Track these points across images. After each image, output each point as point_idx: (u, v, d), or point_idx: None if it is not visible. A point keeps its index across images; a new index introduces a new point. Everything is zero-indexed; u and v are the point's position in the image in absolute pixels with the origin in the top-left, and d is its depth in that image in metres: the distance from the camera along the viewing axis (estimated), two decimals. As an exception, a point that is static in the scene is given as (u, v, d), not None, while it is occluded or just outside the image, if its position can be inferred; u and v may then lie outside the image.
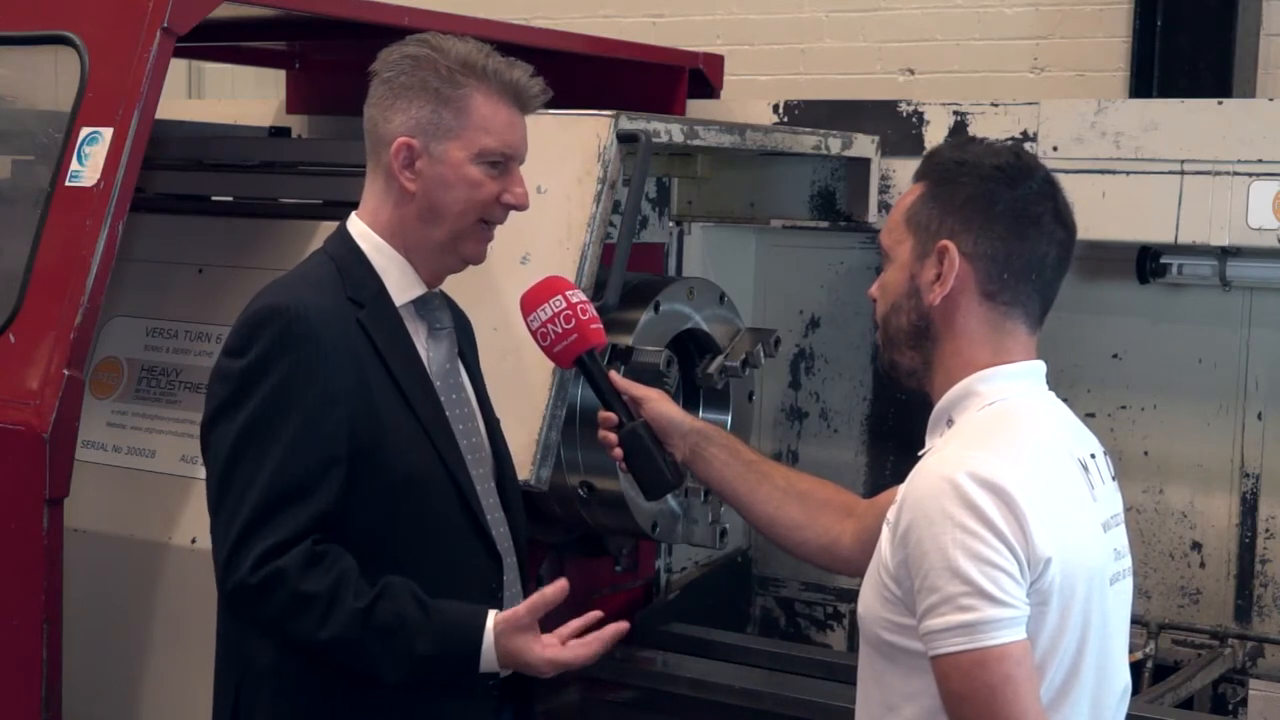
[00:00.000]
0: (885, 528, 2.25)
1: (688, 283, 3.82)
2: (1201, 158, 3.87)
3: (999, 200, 2.29)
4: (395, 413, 2.54)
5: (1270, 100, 4.51)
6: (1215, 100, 4.08)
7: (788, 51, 5.98)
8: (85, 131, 3.24)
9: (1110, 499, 2.35)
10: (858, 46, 5.86)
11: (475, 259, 2.68)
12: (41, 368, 3.12)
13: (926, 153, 2.44)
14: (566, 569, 3.99)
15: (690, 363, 3.84)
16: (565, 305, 2.70)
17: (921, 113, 4.22)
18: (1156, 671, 4.19)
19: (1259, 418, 4.19)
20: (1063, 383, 3.84)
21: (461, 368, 2.75)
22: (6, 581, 3.13)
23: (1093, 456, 2.34)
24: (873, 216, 4.20)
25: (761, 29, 6.02)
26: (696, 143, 3.64)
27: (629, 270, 3.43)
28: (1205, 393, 4.24)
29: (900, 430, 4.60)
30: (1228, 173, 3.85)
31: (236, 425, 2.47)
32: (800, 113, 4.36)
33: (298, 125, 4.75)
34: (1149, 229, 3.98)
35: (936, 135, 4.18)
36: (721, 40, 5.92)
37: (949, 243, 2.29)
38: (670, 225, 4.35)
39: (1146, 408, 4.32)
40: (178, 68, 5.07)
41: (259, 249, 3.59)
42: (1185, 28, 5.09)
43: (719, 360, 3.79)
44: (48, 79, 3.50)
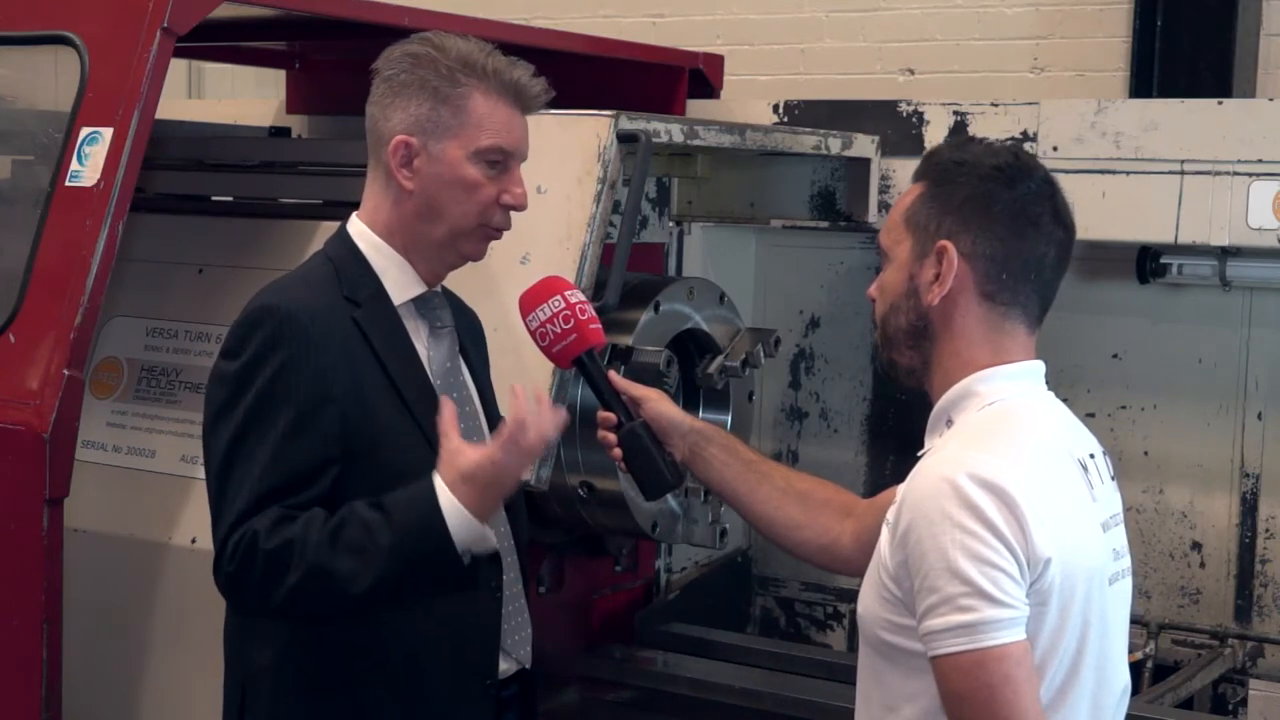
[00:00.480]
0: (885, 528, 2.25)
1: (688, 283, 3.82)
2: (1201, 158, 3.87)
3: (998, 200, 2.29)
4: (392, 412, 2.54)
5: (1270, 100, 4.51)
6: (1215, 100, 4.08)
7: (788, 51, 5.98)
8: (85, 131, 3.24)
9: (1110, 499, 2.35)
10: (858, 46, 5.86)
11: (475, 257, 2.68)
12: (41, 368, 3.12)
13: (925, 153, 2.44)
14: (566, 569, 3.99)
15: (690, 363, 3.84)
16: (564, 305, 2.70)
17: (921, 113, 4.22)
18: (1156, 671, 4.19)
19: (1259, 418, 4.19)
20: (1063, 383, 3.84)
21: (464, 366, 2.75)
22: (6, 581, 3.13)
23: (1092, 456, 2.34)
24: (873, 216, 4.20)
25: (761, 29, 6.02)
26: (696, 143, 3.64)
27: (629, 270, 3.43)
28: (1205, 393, 4.24)
29: (900, 430, 4.60)
30: (1228, 173, 3.85)
31: (230, 427, 2.47)
32: (800, 113, 4.36)
33: (298, 125, 4.75)
34: (1149, 229, 3.98)
35: (936, 135, 4.18)
36: (721, 40, 5.92)
37: (948, 243, 2.29)
38: (670, 225, 4.35)
39: (1146, 408, 4.32)
40: (178, 68, 5.07)
41: (259, 249, 3.59)
42: (1185, 28, 5.09)
43: (719, 360, 3.79)
44: (48, 79, 3.50)
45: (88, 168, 3.22)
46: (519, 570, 2.74)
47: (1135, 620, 2.75)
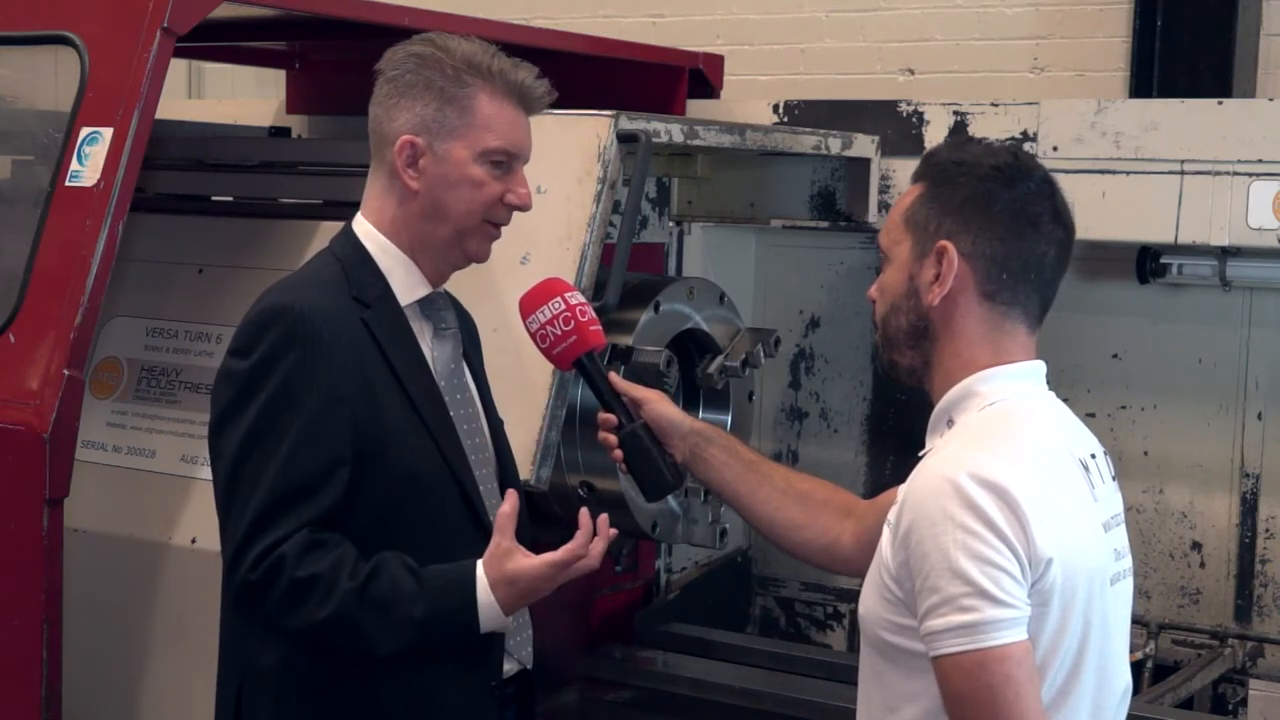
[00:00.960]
0: (886, 528, 2.24)
1: (688, 283, 3.82)
2: (1201, 158, 3.87)
3: (997, 200, 2.29)
4: (399, 413, 2.54)
5: (1270, 100, 4.51)
6: (1215, 100, 4.08)
7: (788, 51, 5.98)
8: (85, 131, 3.24)
9: (1110, 499, 2.35)
10: (858, 46, 5.86)
11: (479, 257, 2.68)
12: (41, 368, 3.12)
13: (925, 153, 2.44)
14: (566, 569, 3.99)
15: (690, 363, 3.84)
16: (564, 307, 2.70)
17: (921, 113, 4.22)
18: (1156, 671, 4.19)
19: (1259, 418, 4.19)
20: (1063, 383, 3.84)
21: (466, 368, 2.75)
22: (6, 581, 3.13)
23: (1093, 456, 2.33)
24: (873, 216, 4.20)
25: (761, 29, 6.02)
26: (696, 143, 3.64)
27: (629, 270, 3.43)
28: (1205, 393, 4.24)
29: (900, 430, 4.60)
30: (1228, 173, 3.85)
31: (242, 428, 2.47)
32: (800, 113, 4.36)
33: (298, 125, 4.75)
34: (1149, 229, 3.98)
35: (936, 135, 4.18)
36: (721, 40, 5.92)
37: (947, 243, 2.29)
38: (670, 225, 4.35)
39: (1146, 408, 4.32)
40: (178, 68, 5.08)
41: (259, 249, 3.59)
42: (1185, 28, 5.08)
43: (719, 360, 3.79)
44: (48, 79, 3.50)
45: (88, 168, 3.22)
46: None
47: (1135, 620, 2.75)
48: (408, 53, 2.62)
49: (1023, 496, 2.12)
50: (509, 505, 2.49)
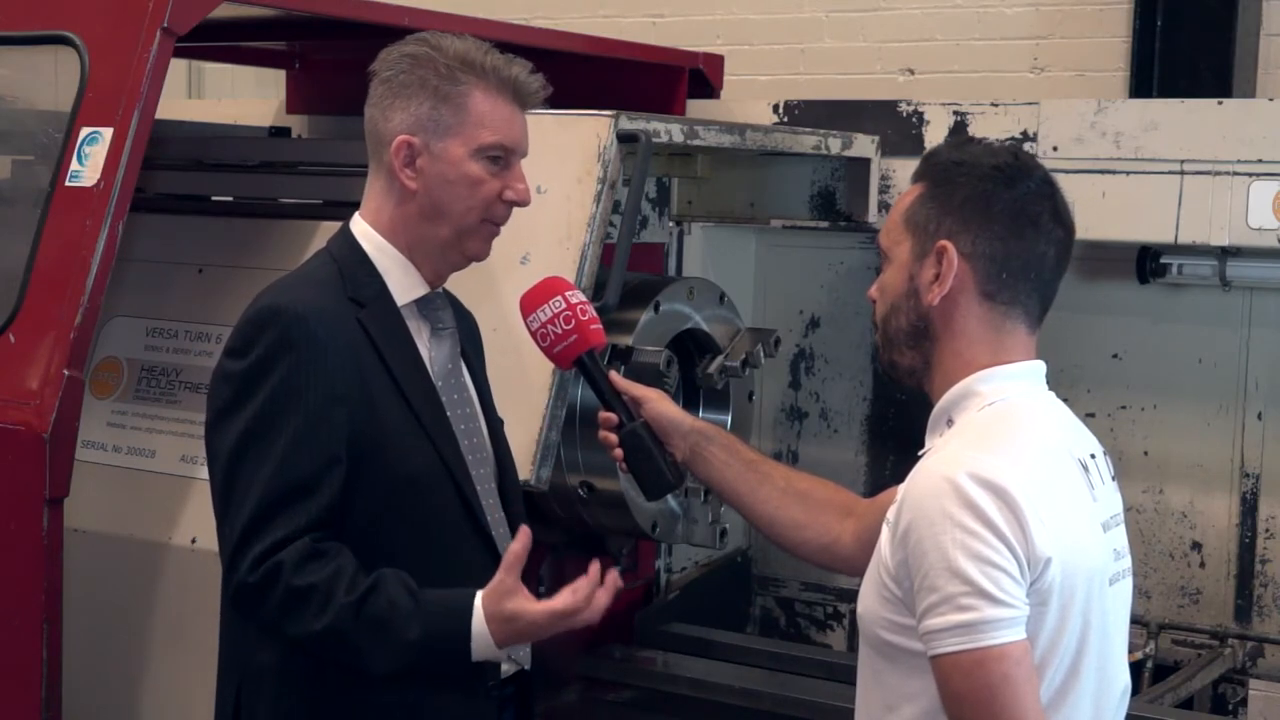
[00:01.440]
0: (885, 527, 2.25)
1: (688, 283, 3.83)
2: (1201, 158, 3.88)
3: (997, 200, 2.29)
4: (395, 413, 2.54)
5: (1270, 100, 4.51)
6: (1215, 100, 4.08)
7: (788, 51, 5.98)
8: (85, 131, 3.24)
9: (1110, 499, 2.35)
10: (858, 46, 5.86)
11: (479, 256, 2.68)
12: (41, 368, 3.12)
13: (925, 153, 2.44)
14: (566, 569, 3.99)
15: (690, 363, 3.84)
16: (565, 306, 2.70)
17: (921, 113, 4.22)
18: (1156, 671, 4.20)
19: (1259, 418, 4.19)
20: (1063, 383, 3.84)
21: (464, 368, 2.75)
22: (6, 581, 3.13)
23: (1093, 456, 2.33)
24: (873, 216, 4.20)
25: (761, 29, 6.02)
26: (696, 143, 3.64)
27: (629, 270, 3.43)
28: (1205, 393, 4.24)
29: (900, 430, 4.60)
30: (1228, 173, 3.85)
31: (238, 427, 2.47)
32: (800, 113, 4.36)
33: (298, 125, 4.75)
34: (1149, 229, 3.98)
35: (936, 135, 4.18)
36: (721, 40, 5.92)
37: (947, 243, 2.29)
38: (670, 225, 4.35)
39: (1146, 408, 4.32)
40: (178, 68, 5.08)
41: (259, 249, 3.59)
42: (1185, 28, 5.08)
43: (719, 360, 3.79)
44: (48, 79, 3.50)
45: (88, 168, 3.22)
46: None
47: (1135, 620, 2.75)
48: (401, 53, 2.62)
49: (1022, 496, 2.12)
50: (519, 544, 2.48)
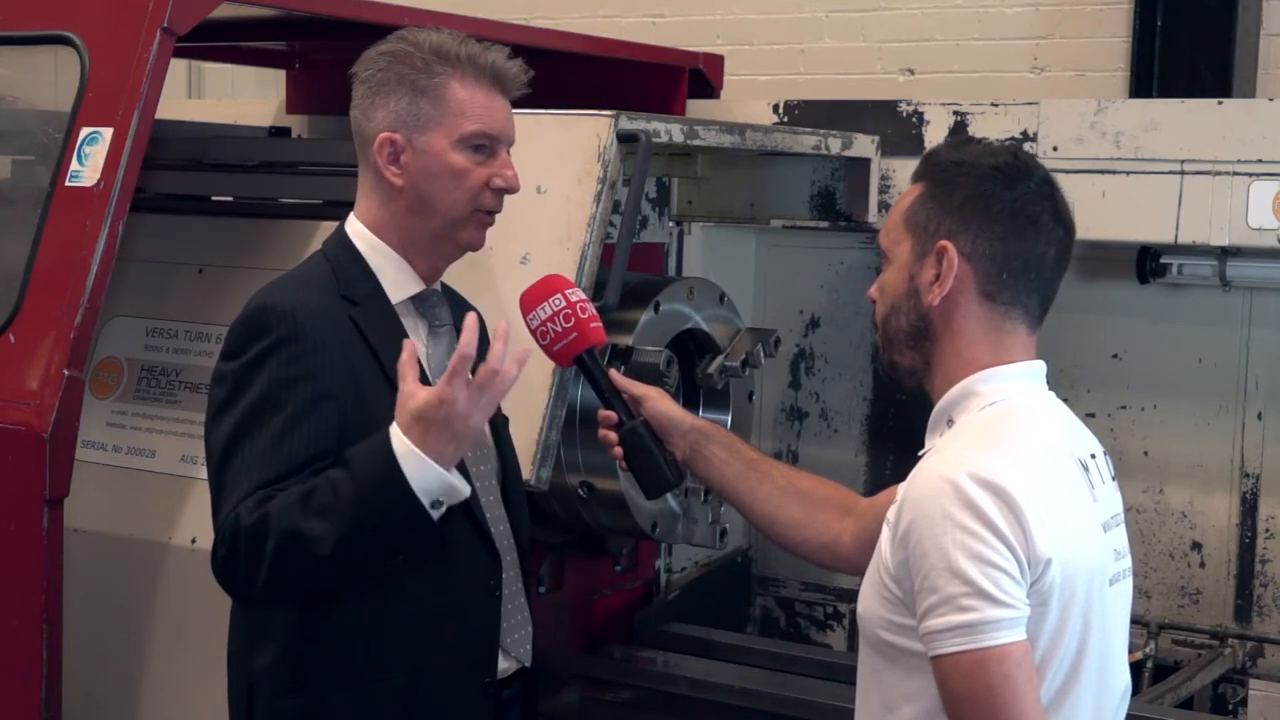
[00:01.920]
0: (885, 528, 2.25)
1: (688, 283, 3.82)
2: (1201, 158, 3.87)
3: (997, 200, 2.29)
4: (389, 410, 2.53)
5: (1270, 100, 4.51)
6: (1215, 100, 4.08)
7: (788, 51, 5.98)
8: (85, 131, 3.24)
9: (1110, 499, 2.35)
10: (858, 46, 5.86)
11: (473, 245, 2.68)
12: (41, 368, 3.12)
13: (925, 153, 2.44)
14: (566, 569, 3.99)
15: (690, 363, 3.84)
16: (565, 304, 2.70)
17: (921, 113, 4.22)
18: (1156, 671, 4.19)
19: (1259, 418, 4.19)
20: (1063, 383, 3.84)
21: (464, 365, 2.75)
22: (6, 581, 3.13)
23: (1093, 457, 2.34)
24: (873, 216, 4.20)
25: (761, 29, 6.02)
26: (696, 143, 3.64)
27: (629, 270, 3.43)
28: (1205, 393, 4.24)
29: (900, 430, 4.60)
30: (1228, 173, 3.85)
31: (228, 426, 2.48)
32: (800, 113, 4.36)
33: (298, 125, 4.75)
34: (1149, 229, 3.98)
35: (936, 135, 4.18)
36: (721, 40, 5.92)
37: (948, 243, 2.29)
38: (670, 225, 4.35)
39: (1146, 408, 4.32)
40: (178, 68, 5.07)
41: (259, 249, 3.59)
42: (1185, 28, 5.09)
43: (719, 360, 3.79)
44: (48, 79, 3.50)
45: (88, 168, 3.22)
46: (519, 569, 2.74)
47: (1135, 620, 2.75)
48: (378, 52, 2.64)
49: (1022, 497, 2.12)
50: (406, 354, 2.40)
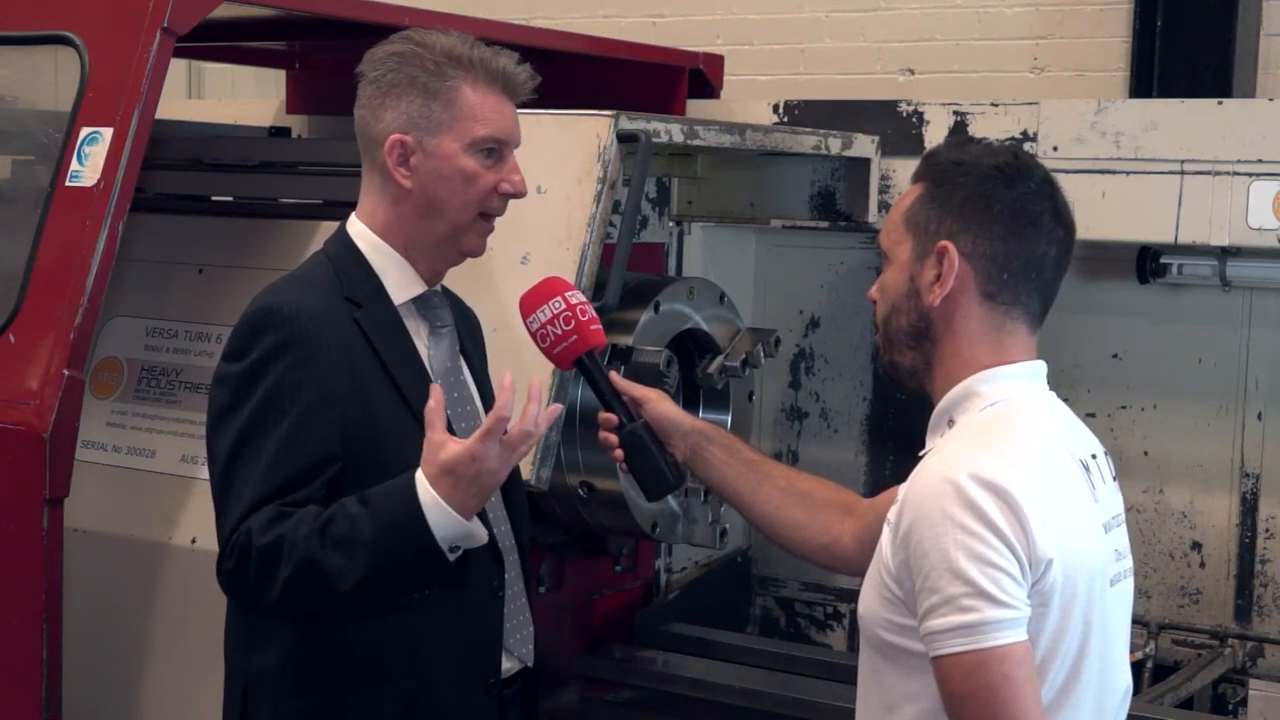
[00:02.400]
0: (886, 528, 2.24)
1: (688, 283, 3.82)
2: (1201, 158, 3.88)
3: (998, 200, 2.29)
4: (393, 410, 2.54)
5: (1270, 100, 4.51)
6: (1215, 100, 4.08)
7: (788, 51, 5.98)
8: (85, 131, 3.24)
9: (1111, 499, 2.35)
10: (858, 46, 5.86)
11: (475, 252, 2.68)
12: (41, 368, 3.12)
13: (925, 154, 2.44)
14: (566, 569, 3.99)
15: (690, 363, 3.83)
16: (564, 306, 2.70)
17: (921, 113, 4.22)
18: (1156, 671, 4.19)
19: (1259, 418, 4.19)
20: (1063, 383, 3.84)
21: (464, 366, 2.75)
22: (6, 581, 3.13)
23: (1094, 457, 2.33)
24: (873, 216, 4.20)
25: (761, 29, 6.02)
26: (696, 143, 3.64)
27: (629, 270, 3.43)
28: (1205, 393, 4.24)
29: (900, 430, 4.60)
30: (1228, 173, 3.85)
31: (234, 429, 2.48)
32: (800, 113, 4.36)
33: (298, 125, 4.75)
34: (1149, 229, 3.98)
35: (936, 135, 4.18)
36: (721, 40, 5.92)
37: (948, 243, 2.29)
38: (670, 225, 4.35)
39: (1146, 408, 4.32)
40: (178, 68, 5.07)
41: (259, 249, 3.59)
42: (1185, 28, 5.09)
43: (719, 360, 3.79)
44: (48, 79, 3.50)
45: (88, 168, 3.22)
46: (520, 569, 2.74)
47: (1135, 620, 2.75)
48: (387, 52, 2.63)
49: (1023, 497, 2.12)
50: (434, 400, 2.39)
